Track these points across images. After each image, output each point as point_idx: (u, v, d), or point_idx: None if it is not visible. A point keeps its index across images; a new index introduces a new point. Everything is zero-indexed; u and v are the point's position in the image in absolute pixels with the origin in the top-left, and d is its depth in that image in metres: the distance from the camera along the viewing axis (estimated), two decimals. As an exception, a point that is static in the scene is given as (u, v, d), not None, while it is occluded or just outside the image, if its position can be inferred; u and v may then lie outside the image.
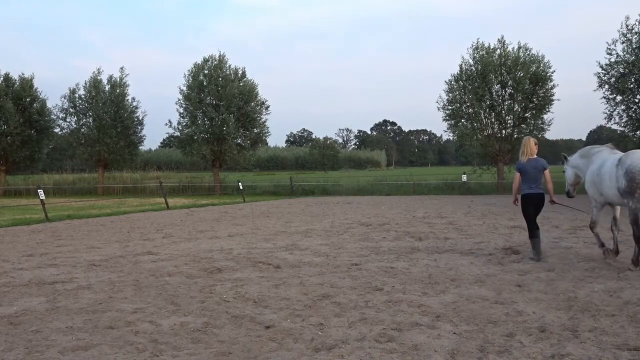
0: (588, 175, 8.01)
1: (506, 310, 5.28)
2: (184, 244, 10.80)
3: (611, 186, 7.33)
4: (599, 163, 7.77)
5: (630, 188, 6.93)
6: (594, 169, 7.85)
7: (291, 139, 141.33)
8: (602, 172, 7.56)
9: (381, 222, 14.39)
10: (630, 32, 25.53)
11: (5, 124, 35.94)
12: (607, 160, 7.61)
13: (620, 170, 7.08)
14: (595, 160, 7.97)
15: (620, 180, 7.06)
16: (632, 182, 6.88)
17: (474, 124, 30.59)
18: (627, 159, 7.05)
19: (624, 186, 6.99)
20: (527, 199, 8.23)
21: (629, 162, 6.98)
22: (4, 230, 14.12)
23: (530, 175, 8.21)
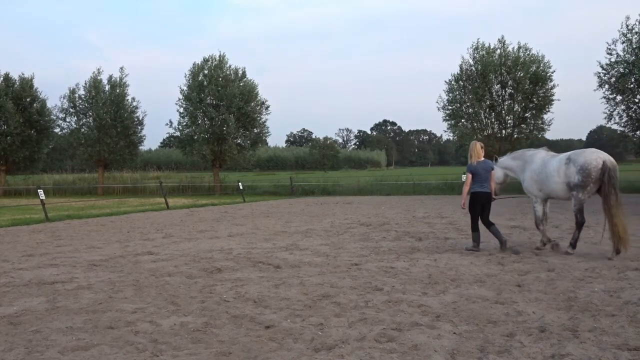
0: (528, 174, 9.02)
1: (506, 310, 5.28)
2: (184, 244, 10.80)
3: (559, 182, 8.45)
4: (541, 163, 8.86)
5: (584, 182, 8.13)
6: (535, 168, 8.87)
7: (291, 139, 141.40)
8: (548, 170, 8.63)
9: (381, 222, 14.39)
10: (631, 32, 25.53)
11: (5, 124, 35.93)
12: (551, 160, 8.75)
13: (572, 167, 8.25)
14: (534, 160, 9.02)
15: (574, 176, 8.21)
16: (588, 177, 8.08)
17: (474, 124, 30.60)
18: (580, 158, 8.23)
19: (578, 181, 8.16)
20: (478, 196, 9.00)
21: (583, 160, 8.16)
22: (4, 230, 14.12)
23: (481, 176, 8.97)
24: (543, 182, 8.75)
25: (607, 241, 8.37)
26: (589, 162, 8.13)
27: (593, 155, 8.20)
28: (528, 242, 9.92)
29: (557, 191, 8.58)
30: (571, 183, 8.29)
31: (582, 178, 8.13)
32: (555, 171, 8.52)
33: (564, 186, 8.42)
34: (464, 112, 30.69)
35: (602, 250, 8.86)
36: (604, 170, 8.04)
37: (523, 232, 11.51)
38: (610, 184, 8.02)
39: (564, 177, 8.39)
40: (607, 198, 8.04)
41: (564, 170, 8.41)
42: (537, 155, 9.11)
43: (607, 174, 8.03)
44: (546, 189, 8.77)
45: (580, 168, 8.18)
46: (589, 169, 8.10)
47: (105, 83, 37.40)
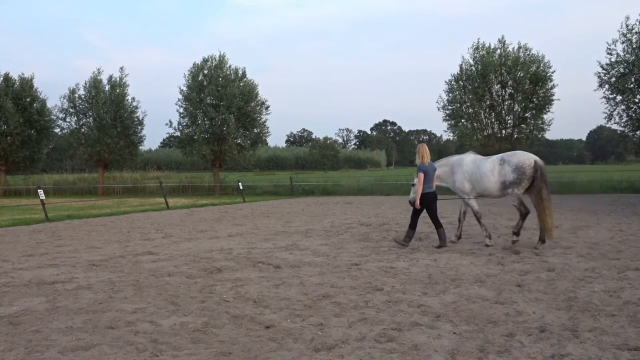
0: (459, 176, 9.89)
1: (506, 310, 5.28)
2: (184, 244, 10.80)
3: (494, 180, 9.40)
4: (473, 165, 9.78)
5: (519, 179, 9.13)
6: (468, 169, 9.80)
7: (291, 139, 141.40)
8: (482, 170, 9.55)
9: (381, 222, 14.39)
10: (631, 32, 25.51)
11: (5, 124, 35.90)
12: (483, 162, 9.70)
13: (507, 167, 9.27)
14: (464, 163, 9.92)
15: (509, 174, 9.21)
16: (523, 174, 9.10)
17: (474, 124, 30.58)
18: (514, 158, 9.29)
19: (514, 178, 9.17)
20: (429, 196, 9.50)
21: (517, 160, 9.23)
22: (4, 230, 14.12)
23: (430, 177, 9.49)
24: (477, 181, 9.61)
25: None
26: (522, 161, 9.18)
27: (525, 156, 9.30)
28: (528, 242, 9.92)
29: (490, 189, 9.49)
30: (507, 181, 9.25)
31: (518, 176, 9.14)
32: (490, 171, 9.44)
33: (498, 185, 9.36)
34: (464, 112, 30.67)
35: (602, 250, 8.86)
36: (536, 168, 9.11)
37: (523, 232, 11.49)
38: (542, 180, 9.09)
39: (498, 176, 9.35)
40: (539, 192, 9.02)
41: (498, 170, 9.36)
42: (467, 158, 9.98)
43: (539, 171, 9.10)
44: (479, 188, 9.64)
45: (515, 167, 9.19)
46: (523, 168, 9.13)
47: (105, 83, 37.37)
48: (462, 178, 9.83)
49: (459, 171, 9.89)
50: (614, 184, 28.28)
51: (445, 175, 10.13)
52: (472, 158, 10.01)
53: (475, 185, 9.72)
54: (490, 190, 9.53)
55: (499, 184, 9.37)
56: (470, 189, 9.83)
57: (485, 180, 9.48)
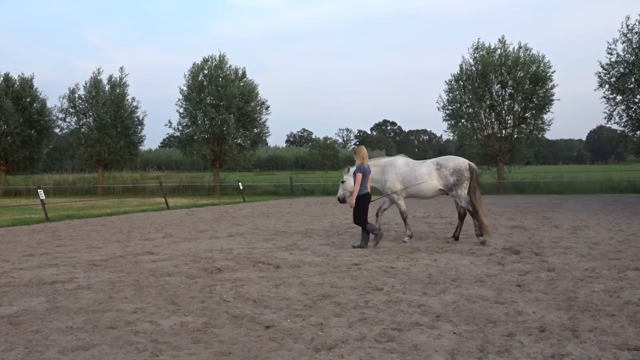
0: (392, 176, 10.34)
1: (506, 310, 5.28)
2: (184, 244, 10.80)
3: (432, 184, 10.03)
4: (406, 168, 10.31)
5: (460, 180, 9.83)
6: (401, 172, 10.30)
7: (291, 139, 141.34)
8: (418, 174, 10.11)
9: (381, 222, 14.37)
10: (631, 32, 25.55)
11: (5, 124, 35.91)
12: (418, 166, 10.28)
13: (445, 171, 9.93)
14: (396, 165, 10.42)
15: (449, 177, 9.89)
16: (462, 176, 9.82)
17: (474, 124, 30.58)
18: (450, 162, 10.01)
19: (455, 180, 9.85)
20: (367, 198, 9.78)
21: (453, 164, 9.95)
22: (4, 230, 14.12)
23: (366, 178, 9.78)
24: (411, 183, 10.17)
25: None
26: (459, 164, 9.94)
27: (459, 160, 10.10)
28: (528, 242, 9.92)
29: (425, 191, 10.15)
30: (449, 184, 9.91)
31: (458, 178, 9.85)
32: (427, 175, 10.06)
33: (436, 187, 10.06)
34: (464, 112, 30.68)
35: (602, 250, 8.86)
36: (471, 170, 9.92)
37: (523, 232, 11.50)
38: (477, 181, 9.98)
39: (437, 179, 10.01)
40: (474, 193, 9.86)
41: (436, 174, 10.02)
42: (400, 161, 10.52)
43: (474, 173, 9.93)
44: (413, 189, 10.19)
45: (453, 170, 9.89)
46: (461, 170, 9.87)
47: (105, 83, 37.37)
48: (395, 179, 10.31)
49: (392, 172, 10.35)
50: (614, 184, 28.29)
51: (375, 175, 10.43)
52: (405, 161, 10.53)
53: (409, 187, 10.19)
54: (424, 193, 10.17)
55: (438, 187, 10.02)
56: (402, 189, 10.32)
57: (421, 182, 10.07)
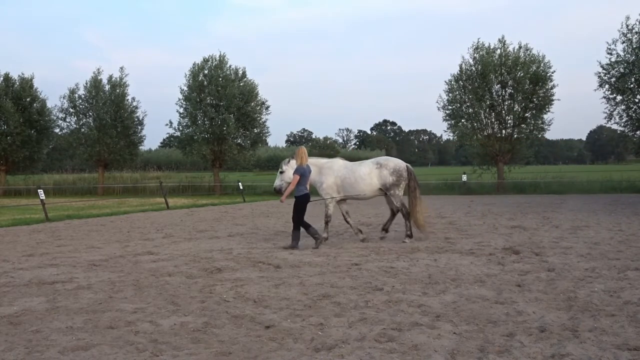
0: (331, 179, 10.41)
1: (506, 310, 5.28)
2: (184, 244, 10.80)
3: (371, 183, 10.28)
4: (346, 170, 10.41)
5: (398, 181, 10.28)
6: (341, 174, 10.41)
7: (291, 139, 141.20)
8: (358, 175, 10.30)
9: (381, 222, 14.37)
10: (631, 32, 25.54)
11: (5, 124, 35.88)
12: (358, 167, 10.45)
13: (385, 171, 10.26)
14: (335, 167, 10.50)
15: (388, 177, 10.23)
16: (400, 176, 10.26)
17: (474, 124, 30.57)
18: (390, 163, 10.41)
19: (393, 181, 10.25)
20: (305, 198, 9.86)
21: (393, 165, 10.36)
22: (4, 230, 14.12)
23: (306, 178, 9.93)
24: (351, 185, 10.34)
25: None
26: (398, 165, 10.38)
27: (398, 160, 10.56)
28: (528, 242, 9.92)
29: (366, 191, 10.36)
30: (387, 184, 10.27)
31: (396, 178, 10.26)
32: (367, 175, 10.30)
33: (375, 187, 10.33)
34: (464, 112, 30.66)
35: (602, 250, 8.86)
36: (409, 171, 10.40)
37: (523, 232, 11.50)
38: (415, 181, 10.40)
39: (377, 179, 10.29)
40: (414, 192, 10.29)
41: (376, 174, 10.30)
42: (338, 163, 10.67)
43: (412, 174, 10.37)
44: (353, 190, 10.39)
45: (392, 171, 10.27)
46: (400, 171, 10.31)
47: (105, 83, 37.33)
48: (334, 181, 10.44)
49: (330, 174, 10.44)
50: (614, 184, 28.29)
51: (313, 175, 10.46)
52: (343, 163, 10.70)
53: (348, 189, 10.39)
54: (364, 193, 10.37)
55: (379, 186, 10.34)
56: (338, 192, 10.48)
57: (362, 183, 10.28)
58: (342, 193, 10.48)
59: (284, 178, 10.53)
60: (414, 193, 10.32)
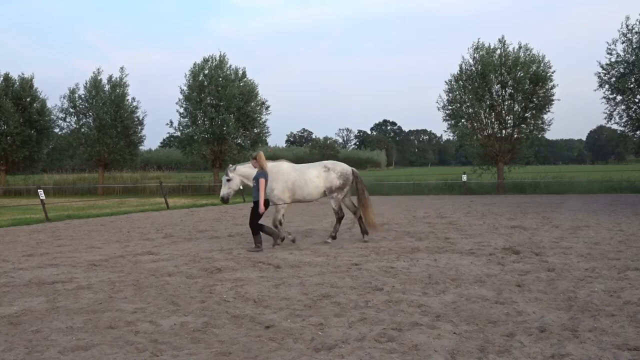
0: (281, 183, 10.24)
1: (506, 310, 5.28)
2: (184, 244, 10.80)
3: (320, 186, 10.33)
4: (295, 173, 10.32)
5: (344, 185, 10.43)
6: (290, 178, 10.30)
7: (291, 139, 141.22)
8: (307, 177, 10.31)
9: (381, 222, 14.37)
10: (631, 32, 25.51)
11: (5, 124, 35.88)
12: (306, 170, 10.45)
13: (333, 174, 10.37)
14: (283, 171, 10.34)
15: (335, 181, 10.34)
16: (347, 180, 10.45)
17: (474, 124, 30.55)
18: (337, 167, 10.55)
19: (340, 184, 10.38)
20: (265, 203, 9.74)
21: (340, 168, 10.51)
22: (4, 230, 14.12)
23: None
24: (301, 187, 10.29)
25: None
26: (345, 169, 10.54)
27: (344, 165, 10.73)
28: (528, 242, 9.92)
29: (313, 194, 10.41)
30: (333, 187, 10.37)
31: (343, 182, 10.42)
32: (316, 177, 10.35)
33: (322, 190, 10.38)
34: (464, 112, 30.64)
35: (602, 250, 8.86)
36: (355, 174, 10.63)
37: (523, 232, 11.50)
38: (362, 184, 10.64)
39: (324, 182, 10.34)
40: (362, 194, 10.47)
41: (324, 177, 10.36)
42: (285, 166, 10.52)
43: (358, 177, 10.62)
44: (302, 193, 10.34)
45: (340, 174, 10.42)
46: (347, 175, 10.49)
47: (105, 83, 37.33)
48: (285, 186, 10.28)
49: (280, 179, 10.27)
50: (614, 184, 28.27)
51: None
52: (290, 166, 10.61)
53: (297, 192, 10.31)
54: (312, 195, 10.43)
55: (323, 189, 10.38)
56: (289, 197, 10.37)
57: (311, 185, 10.31)
58: (292, 197, 10.41)
59: (231, 186, 10.36)
60: (363, 195, 10.48)
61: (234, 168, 10.48)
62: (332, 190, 10.41)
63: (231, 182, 10.35)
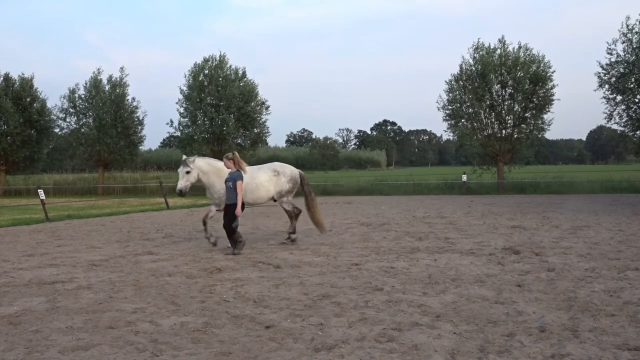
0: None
1: (506, 310, 5.28)
2: (184, 244, 10.80)
3: (270, 190, 10.36)
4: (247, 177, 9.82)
5: (293, 188, 10.61)
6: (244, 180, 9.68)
7: (291, 139, 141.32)
8: (258, 181, 10.19)
9: (381, 222, 14.39)
10: (631, 32, 25.50)
11: (5, 124, 35.88)
12: (256, 172, 10.31)
13: (283, 178, 10.47)
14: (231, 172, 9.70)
15: (285, 184, 10.47)
16: (295, 183, 10.59)
17: (474, 124, 30.55)
18: (287, 170, 10.64)
19: (289, 187, 10.53)
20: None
21: (290, 172, 10.62)
22: (4, 230, 14.12)
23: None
24: (252, 191, 10.11)
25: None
26: (294, 173, 10.68)
27: (292, 168, 10.82)
28: (528, 242, 9.92)
29: (263, 198, 10.42)
30: (283, 191, 10.47)
31: (292, 185, 10.57)
32: (267, 182, 10.33)
33: (272, 194, 10.43)
34: (464, 112, 30.64)
35: (602, 250, 8.86)
36: (302, 177, 10.75)
37: (523, 232, 11.50)
38: (309, 186, 10.82)
39: (274, 186, 10.39)
40: (309, 196, 10.65)
41: (274, 181, 10.41)
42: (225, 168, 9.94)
43: (304, 180, 10.76)
44: (252, 197, 10.18)
45: (289, 178, 10.54)
46: (295, 178, 10.61)
47: (105, 83, 37.32)
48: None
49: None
50: (614, 184, 28.28)
51: (213, 176, 10.06)
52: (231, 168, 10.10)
53: (248, 195, 10.01)
54: (262, 199, 10.43)
55: (274, 193, 10.44)
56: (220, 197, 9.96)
57: (262, 189, 10.24)
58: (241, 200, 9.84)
59: (189, 179, 9.85)
60: (310, 196, 10.63)
61: (193, 160, 10.00)
62: (282, 194, 10.45)
63: (189, 175, 9.86)
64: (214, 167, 10.17)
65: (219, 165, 10.20)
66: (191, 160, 9.99)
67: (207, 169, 10.09)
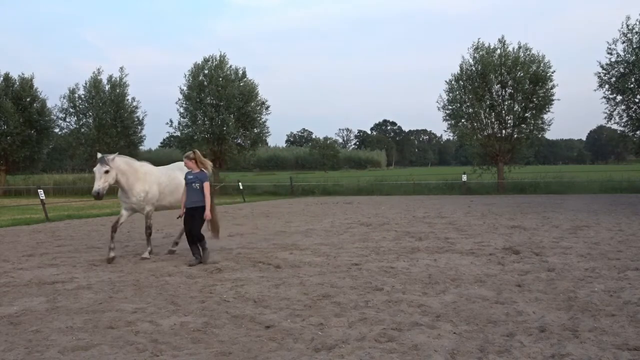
0: (154, 187, 9.23)
1: (506, 310, 5.28)
2: (184, 243, 10.78)
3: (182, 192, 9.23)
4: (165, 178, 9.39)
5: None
6: (163, 180, 9.36)
7: (291, 139, 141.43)
8: (177, 182, 9.28)
9: (381, 222, 14.39)
10: (631, 32, 25.52)
11: (5, 124, 35.89)
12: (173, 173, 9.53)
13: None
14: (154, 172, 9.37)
15: None
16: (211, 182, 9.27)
17: (474, 124, 30.57)
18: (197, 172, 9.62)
19: None
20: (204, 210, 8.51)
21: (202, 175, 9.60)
22: (4, 230, 14.12)
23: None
24: (172, 193, 9.39)
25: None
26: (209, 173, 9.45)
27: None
28: (528, 242, 9.91)
29: (174, 201, 9.51)
30: None
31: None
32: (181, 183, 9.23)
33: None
34: (464, 112, 30.67)
35: (602, 250, 8.86)
36: None
37: (523, 232, 11.50)
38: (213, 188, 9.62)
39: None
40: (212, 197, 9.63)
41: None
42: (151, 167, 9.50)
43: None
44: (170, 199, 9.46)
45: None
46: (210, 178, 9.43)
47: (105, 83, 37.32)
48: (158, 189, 9.24)
49: (153, 181, 9.23)
50: (614, 184, 28.30)
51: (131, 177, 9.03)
52: (156, 168, 9.62)
53: (167, 198, 9.37)
54: (177, 201, 9.34)
55: None
56: (160, 200, 9.35)
57: (181, 190, 8.98)
58: (160, 202, 9.39)
59: (107, 179, 8.67)
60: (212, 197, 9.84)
61: (113, 158, 8.79)
62: None
63: (108, 175, 8.64)
64: (132, 168, 9.09)
65: (135, 165, 9.22)
66: (110, 158, 8.73)
67: (126, 169, 8.98)
